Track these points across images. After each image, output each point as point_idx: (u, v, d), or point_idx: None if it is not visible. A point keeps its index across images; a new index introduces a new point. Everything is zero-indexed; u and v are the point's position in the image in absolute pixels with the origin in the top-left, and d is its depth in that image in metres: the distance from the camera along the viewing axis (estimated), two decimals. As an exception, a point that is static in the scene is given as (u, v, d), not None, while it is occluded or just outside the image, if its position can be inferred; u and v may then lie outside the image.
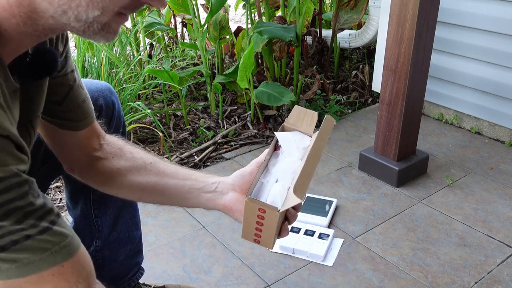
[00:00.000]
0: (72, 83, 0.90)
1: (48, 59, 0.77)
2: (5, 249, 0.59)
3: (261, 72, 2.80)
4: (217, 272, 1.57)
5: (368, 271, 1.58)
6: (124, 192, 1.02)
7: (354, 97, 2.92)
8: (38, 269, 0.62)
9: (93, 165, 1.00)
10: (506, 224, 1.81)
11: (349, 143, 2.41)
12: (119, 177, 0.99)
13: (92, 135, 0.99)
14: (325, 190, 2.02)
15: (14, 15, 0.63)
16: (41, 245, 0.62)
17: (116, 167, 0.99)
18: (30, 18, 0.63)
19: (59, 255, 0.64)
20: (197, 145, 2.38)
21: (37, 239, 0.61)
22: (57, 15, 0.62)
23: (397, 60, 1.90)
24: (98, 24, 0.64)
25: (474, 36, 2.39)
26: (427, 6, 1.80)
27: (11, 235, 0.59)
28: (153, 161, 1.01)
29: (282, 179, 0.90)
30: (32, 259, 0.61)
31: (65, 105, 0.90)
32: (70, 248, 0.65)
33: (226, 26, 2.68)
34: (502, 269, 1.59)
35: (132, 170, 0.99)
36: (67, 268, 0.65)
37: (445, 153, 2.33)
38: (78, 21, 0.63)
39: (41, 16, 0.63)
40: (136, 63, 2.77)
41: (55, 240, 0.64)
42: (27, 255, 0.61)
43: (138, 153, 1.02)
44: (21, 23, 0.64)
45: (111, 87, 1.16)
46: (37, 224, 0.62)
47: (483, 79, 2.42)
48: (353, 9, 2.80)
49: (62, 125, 0.93)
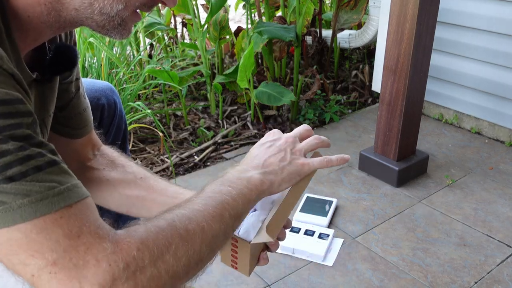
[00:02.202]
0: (76, 91, 0.91)
1: (69, 55, 0.79)
2: (14, 180, 0.52)
3: (261, 72, 2.80)
4: (217, 272, 1.57)
5: (368, 271, 1.58)
6: (112, 203, 1.00)
7: (354, 97, 2.92)
8: (54, 207, 0.54)
9: (84, 174, 0.99)
10: (505, 224, 1.81)
11: (349, 143, 2.41)
12: (109, 188, 1.00)
13: (88, 145, 1.00)
14: (325, 190, 2.02)
15: (39, 3, 0.64)
16: (52, 178, 0.55)
17: (106, 178, 0.99)
18: (54, 9, 0.65)
19: (72, 193, 0.56)
20: (197, 145, 2.38)
21: (47, 171, 0.55)
22: (83, 8, 0.64)
23: (397, 60, 1.91)
24: (119, 18, 0.66)
25: (474, 36, 2.39)
26: (427, 6, 1.80)
27: (19, 164, 0.53)
28: (144, 176, 1.00)
29: (260, 208, 0.88)
30: (46, 194, 0.54)
31: (66, 112, 0.91)
32: (81, 190, 0.59)
33: (226, 26, 2.68)
34: (502, 269, 1.59)
35: (122, 183, 0.99)
36: (76, 210, 0.56)
37: (445, 153, 2.33)
38: (102, 15, 0.65)
39: (66, 8, 0.64)
40: (136, 63, 2.77)
41: (65, 177, 0.57)
42: (39, 188, 0.53)
43: (130, 167, 1.02)
44: (45, 12, 0.65)
45: (112, 87, 1.18)
46: (44, 153, 0.56)
47: (483, 79, 2.42)
48: (353, 9, 2.80)
49: (60, 131, 0.94)
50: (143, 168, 1.04)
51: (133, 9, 0.66)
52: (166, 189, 1.00)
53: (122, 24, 0.67)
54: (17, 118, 0.54)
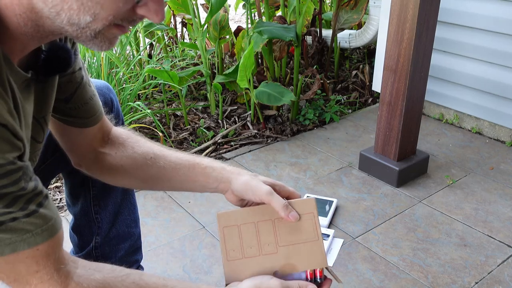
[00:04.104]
0: (80, 81, 0.91)
1: (62, 56, 0.78)
2: None
3: (261, 72, 2.80)
4: (217, 272, 1.56)
5: (368, 271, 1.57)
6: (129, 186, 1.13)
7: (354, 97, 2.92)
8: (18, 249, 0.67)
9: (99, 161, 1.01)
10: (506, 224, 1.81)
11: (349, 143, 2.41)
12: (122, 172, 1.02)
13: (100, 132, 1.00)
14: (325, 190, 2.01)
15: (15, 14, 0.63)
16: (24, 227, 0.67)
17: (120, 164, 1.01)
18: (30, 19, 0.64)
19: (39, 237, 0.69)
20: (197, 145, 2.38)
21: (22, 221, 0.66)
22: (52, 16, 0.62)
23: (397, 60, 1.90)
24: (91, 31, 0.63)
25: (474, 36, 2.39)
26: (427, 6, 1.80)
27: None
28: (154, 155, 1.00)
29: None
30: (14, 239, 0.66)
31: (73, 102, 0.91)
32: (51, 231, 0.70)
33: (226, 26, 2.68)
34: (503, 269, 1.59)
35: (133, 167, 1.01)
36: (41, 251, 0.69)
37: (446, 153, 2.32)
38: (71, 25, 0.63)
39: (40, 17, 0.63)
40: (136, 63, 2.76)
41: (39, 223, 0.68)
42: (10, 235, 0.66)
43: (139, 147, 1.02)
44: (21, 23, 0.64)
45: (109, 85, 1.18)
46: (25, 208, 0.66)
47: (484, 79, 2.41)
48: (353, 9, 2.80)
49: (71, 122, 0.94)
50: (152, 143, 1.04)
51: (106, 23, 0.63)
52: (176, 169, 0.99)
53: (98, 37, 0.65)
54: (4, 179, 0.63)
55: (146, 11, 0.64)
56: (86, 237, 1.28)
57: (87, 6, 0.60)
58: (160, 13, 0.64)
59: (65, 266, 0.74)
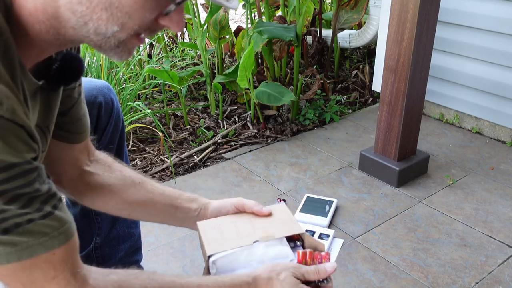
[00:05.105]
0: (78, 96, 0.91)
1: (75, 66, 0.79)
2: (8, 231, 0.62)
3: (261, 72, 2.80)
4: (217, 273, 1.56)
5: (368, 271, 1.57)
6: (113, 208, 1.05)
7: (354, 97, 2.91)
8: (35, 253, 0.65)
9: (84, 179, 1.01)
10: (506, 224, 1.81)
11: (349, 143, 2.41)
12: (110, 194, 1.02)
13: (85, 150, 1.01)
14: (325, 190, 2.01)
15: (38, 21, 0.64)
16: (41, 229, 0.65)
17: (108, 184, 1.01)
18: (52, 27, 0.65)
19: (56, 240, 0.67)
20: (197, 145, 2.38)
21: (38, 223, 0.65)
22: (78, 26, 0.64)
23: (397, 60, 1.90)
24: (116, 40, 0.65)
25: (474, 36, 2.39)
26: (428, 6, 1.80)
27: (16, 218, 0.62)
28: (142, 180, 1.04)
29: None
30: (31, 242, 0.65)
31: (68, 117, 0.92)
32: (67, 234, 0.69)
33: (226, 26, 2.68)
34: (503, 269, 1.58)
35: (122, 188, 1.02)
36: (57, 256, 0.68)
37: (446, 153, 2.32)
38: (97, 35, 0.64)
39: (63, 26, 0.64)
40: (135, 63, 2.76)
41: (55, 225, 0.67)
42: (27, 238, 0.64)
43: (126, 171, 1.05)
44: (43, 30, 0.65)
45: (109, 85, 1.18)
46: (41, 209, 0.65)
47: (484, 79, 2.41)
48: (353, 9, 2.80)
49: (61, 136, 0.94)
50: (137, 172, 1.07)
51: (131, 32, 0.65)
52: (164, 193, 1.04)
53: (120, 46, 0.66)
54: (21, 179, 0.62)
55: (169, 22, 0.66)
56: (86, 238, 1.28)
57: (116, 17, 0.62)
58: (181, 24, 0.67)
59: (81, 270, 0.73)
